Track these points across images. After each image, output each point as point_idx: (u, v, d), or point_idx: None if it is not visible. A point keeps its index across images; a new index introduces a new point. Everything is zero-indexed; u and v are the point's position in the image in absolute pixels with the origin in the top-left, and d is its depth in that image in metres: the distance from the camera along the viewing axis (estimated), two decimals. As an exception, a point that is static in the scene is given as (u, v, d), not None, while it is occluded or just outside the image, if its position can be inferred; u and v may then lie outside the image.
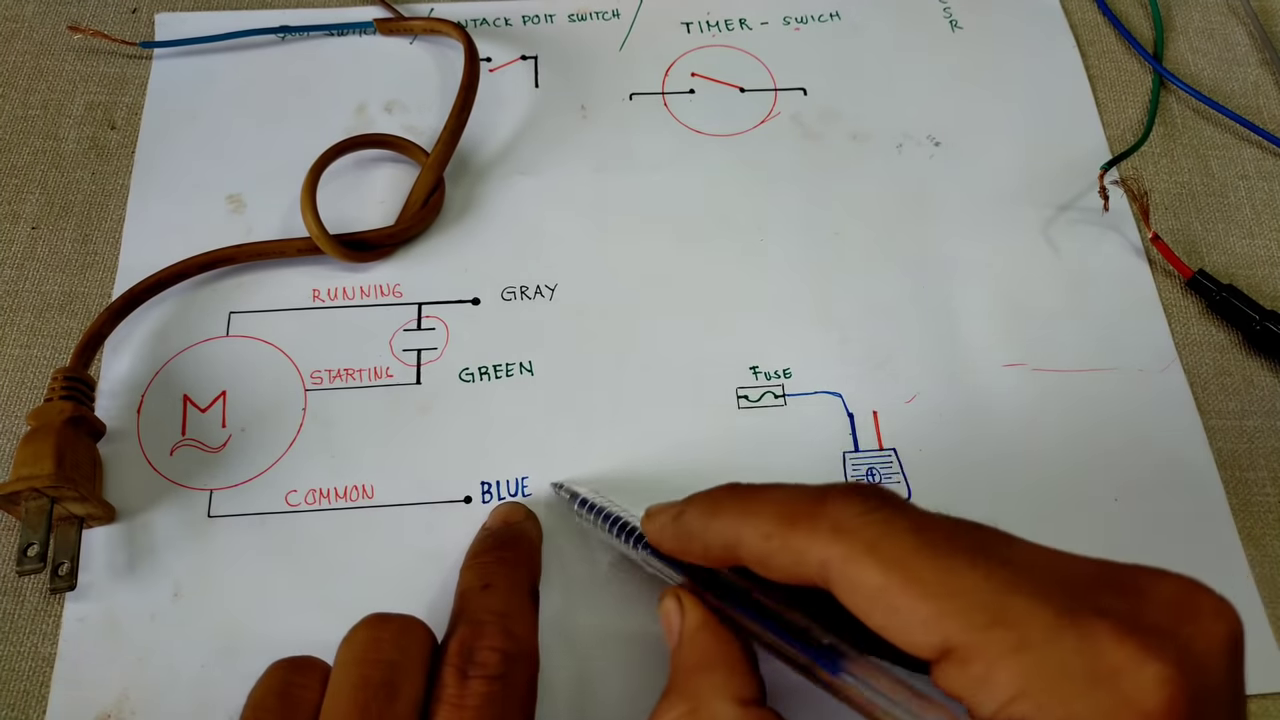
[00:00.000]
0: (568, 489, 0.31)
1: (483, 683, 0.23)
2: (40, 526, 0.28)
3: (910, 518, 0.19)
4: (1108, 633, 0.17)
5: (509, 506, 0.31)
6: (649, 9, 0.43)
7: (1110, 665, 0.17)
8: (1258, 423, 0.34)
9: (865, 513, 0.19)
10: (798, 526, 0.20)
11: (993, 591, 0.17)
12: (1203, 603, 0.19)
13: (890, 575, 0.18)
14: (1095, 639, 0.17)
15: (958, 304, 0.36)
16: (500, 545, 0.29)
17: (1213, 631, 0.18)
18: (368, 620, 0.25)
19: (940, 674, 0.18)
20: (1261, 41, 0.43)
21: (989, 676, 0.17)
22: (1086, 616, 0.17)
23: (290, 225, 0.36)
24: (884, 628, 0.18)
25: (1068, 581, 0.18)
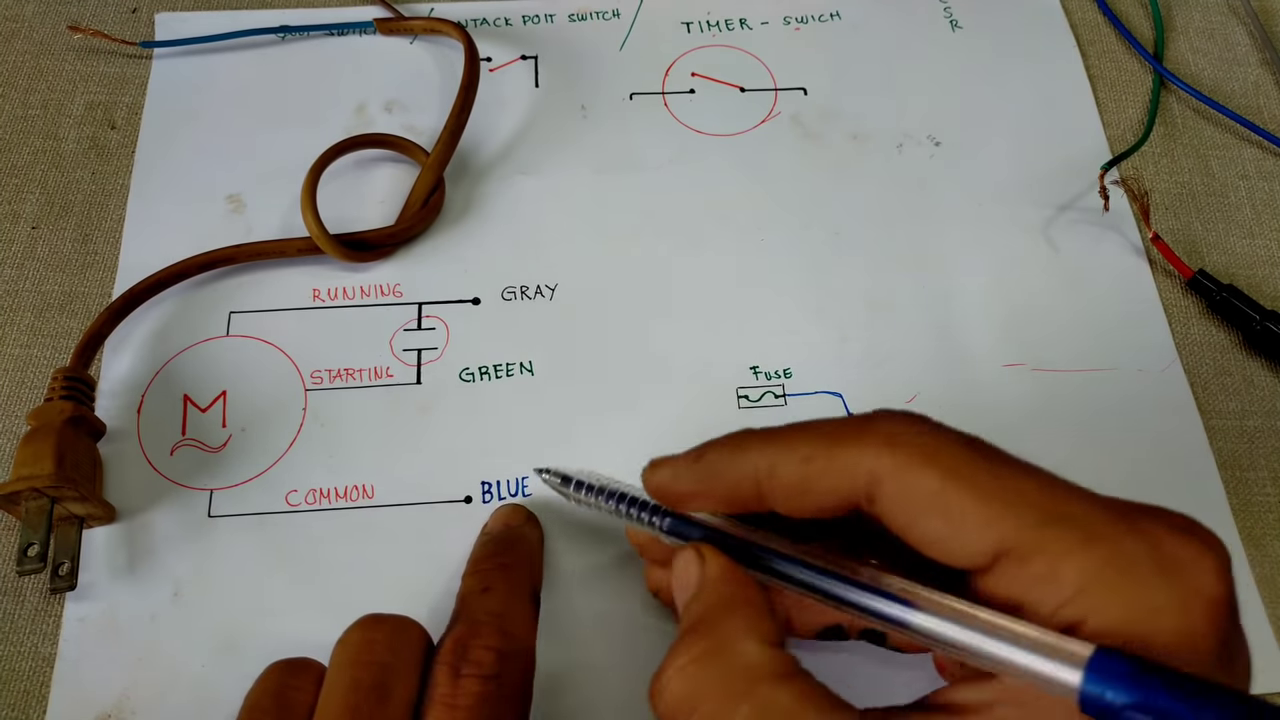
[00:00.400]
0: (555, 472, 0.29)
1: (476, 682, 0.23)
2: (40, 526, 0.28)
3: (960, 434, 0.20)
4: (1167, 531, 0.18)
5: (509, 509, 0.31)
6: (649, 9, 0.43)
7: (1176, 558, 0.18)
8: (1258, 423, 0.34)
9: (915, 423, 0.20)
10: (844, 443, 0.20)
11: (1050, 495, 0.18)
12: (1199, 529, 0.20)
13: (947, 480, 0.19)
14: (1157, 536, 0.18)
15: (958, 304, 0.36)
16: (500, 550, 0.28)
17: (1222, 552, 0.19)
18: (361, 622, 0.25)
19: (993, 579, 0.18)
20: (1262, 41, 0.43)
21: (1052, 573, 0.18)
22: (1144, 516, 0.18)
23: (290, 225, 0.36)
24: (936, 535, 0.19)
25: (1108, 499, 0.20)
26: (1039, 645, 0.17)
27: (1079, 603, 0.17)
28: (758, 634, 0.20)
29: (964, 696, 0.18)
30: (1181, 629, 0.17)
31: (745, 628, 0.20)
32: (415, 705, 0.23)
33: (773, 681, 0.19)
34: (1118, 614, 0.17)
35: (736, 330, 0.35)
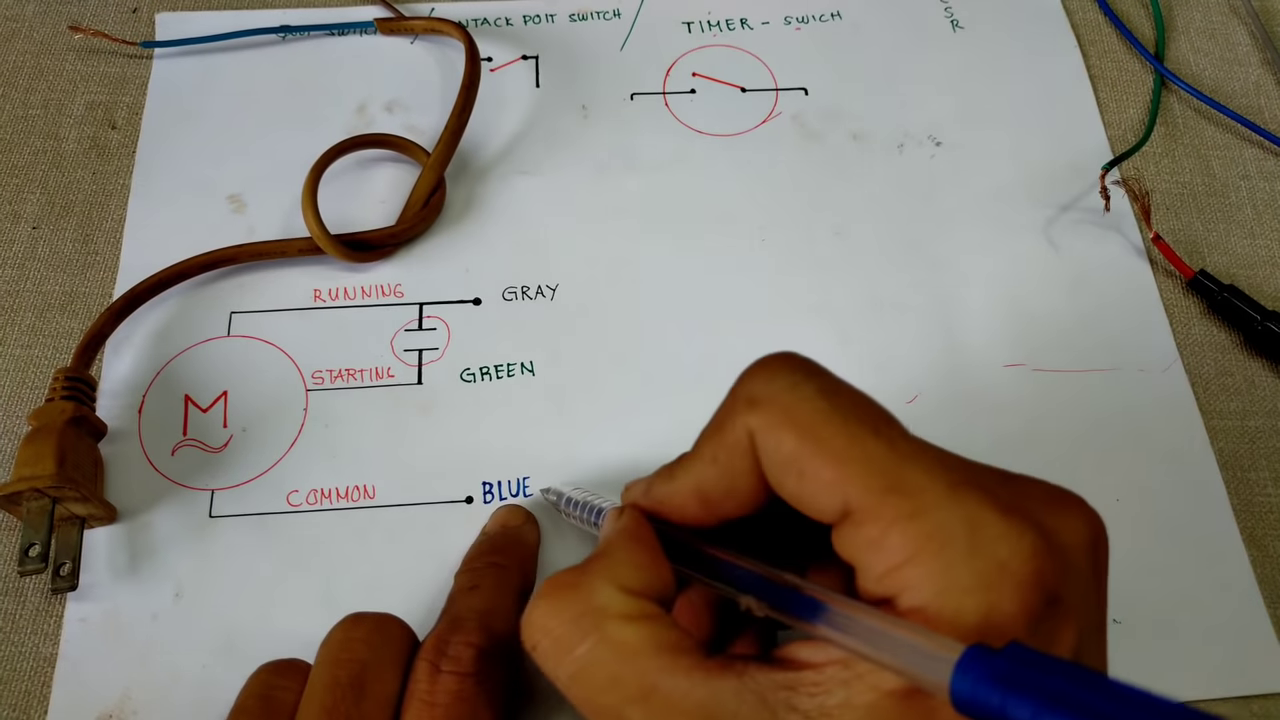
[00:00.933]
0: (554, 491, 0.31)
1: (454, 679, 0.23)
2: (42, 527, 0.28)
3: (816, 382, 0.20)
4: (990, 508, 0.18)
5: (508, 510, 0.31)
6: (650, 9, 0.43)
7: (990, 536, 0.18)
8: (1259, 423, 0.34)
9: (772, 379, 0.20)
10: (724, 424, 0.21)
11: (893, 460, 0.19)
12: (1070, 504, 0.20)
13: (803, 441, 0.19)
14: (980, 513, 0.18)
15: (958, 304, 0.36)
16: (493, 550, 0.29)
17: (1077, 528, 0.19)
18: (343, 621, 0.25)
19: (839, 538, 0.19)
20: (1263, 41, 0.43)
21: (881, 540, 0.18)
22: (973, 492, 0.18)
23: (291, 225, 0.36)
24: (795, 492, 0.19)
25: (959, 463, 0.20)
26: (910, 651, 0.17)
27: (899, 575, 0.18)
28: (617, 580, 0.21)
29: (804, 654, 0.19)
30: (985, 609, 0.17)
31: (608, 574, 0.21)
32: (397, 702, 0.23)
33: (620, 621, 0.20)
34: (929, 590, 0.18)
35: (736, 330, 0.35)
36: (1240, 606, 0.31)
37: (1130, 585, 0.31)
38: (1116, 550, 0.31)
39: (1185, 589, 0.31)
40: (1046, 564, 0.18)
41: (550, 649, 0.20)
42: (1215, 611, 0.31)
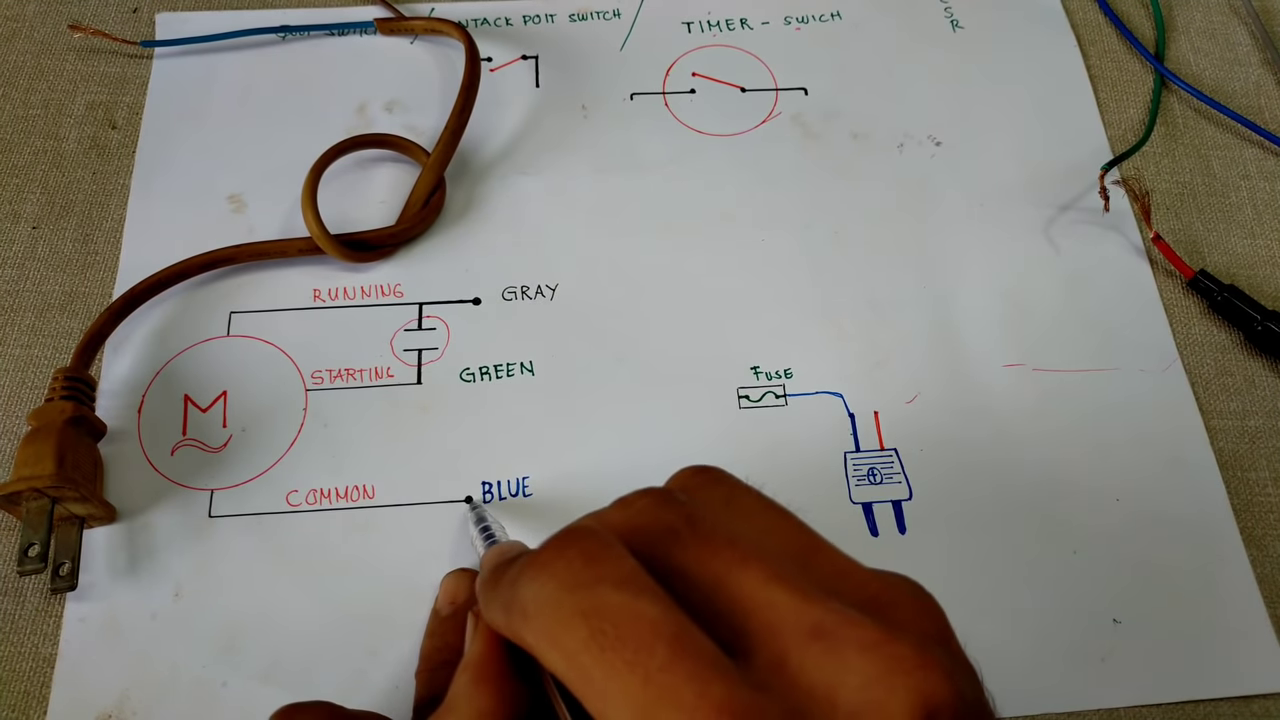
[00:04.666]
0: (477, 511, 0.30)
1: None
2: (41, 527, 0.28)
3: (577, 599, 0.18)
4: None
5: (452, 581, 0.30)
6: (650, 9, 0.43)
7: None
8: (1259, 423, 0.34)
9: (540, 589, 0.18)
10: (510, 612, 0.19)
11: (647, 699, 0.17)
12: (895, 684, 0.17)
13: (568, 668, 0.18)
14: None
15: (958, 304, 0.36)
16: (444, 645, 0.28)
17: (900, 700, 0.16)
18: None
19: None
20: (1263, 41, 0.43)
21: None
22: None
23: (291, 225, 0.36)
24: None
25: (773, 643, 0.17)
26: None
27: None
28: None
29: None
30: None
31: None
32: None
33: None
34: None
35: (737, 330, 0.35)
36: (1240, 606, 0.31)
37: (1130, 585, 0.31)
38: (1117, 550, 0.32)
39: (1185, 589, 0.31)
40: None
41: None
42: (1215, 611, 0.31)
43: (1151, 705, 0.30)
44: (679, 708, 0.16)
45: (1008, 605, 0.31)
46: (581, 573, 0.18)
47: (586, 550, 0.18)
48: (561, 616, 0.18)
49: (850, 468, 0.33)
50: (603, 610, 0.17)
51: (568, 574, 0.18)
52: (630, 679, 0.17)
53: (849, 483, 0.32)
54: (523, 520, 0.31)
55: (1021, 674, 0.30)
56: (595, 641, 0.17)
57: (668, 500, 0.20)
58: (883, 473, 0.33)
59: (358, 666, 0.29)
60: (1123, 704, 0.29)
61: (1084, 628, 0.30)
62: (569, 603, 0.18)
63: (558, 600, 0.18)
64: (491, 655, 0.22)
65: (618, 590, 0.17)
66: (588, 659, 0.17)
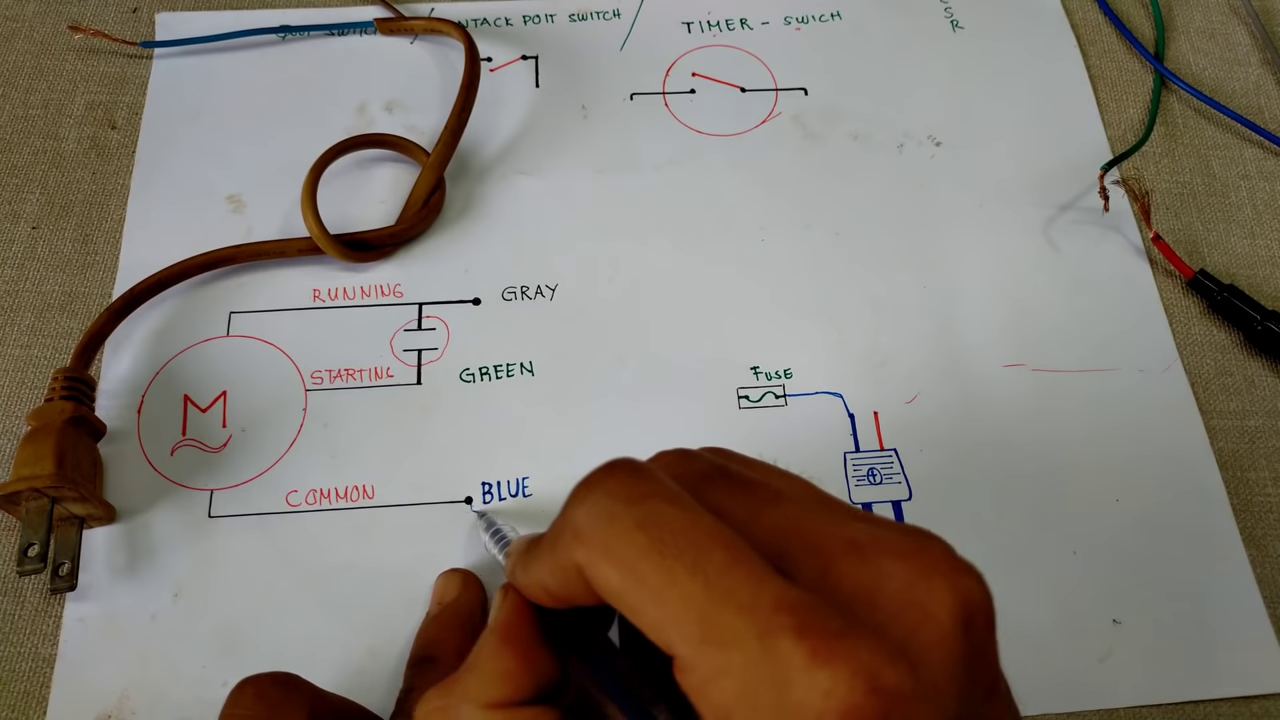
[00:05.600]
0: (486, 519, 0.30)
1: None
2: (41, 527, 0.28)
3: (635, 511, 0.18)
4: (803, 655, 0.16)
5: (443, 581, 0.30)
6: (650, 9, 0.43)
7: (799, 693, 0.16)
8: (1259, 423, 0.34)
9: (592, 507, 0.19)
10: (557, 547, 0.20)
11: (708, 602, 0.17)
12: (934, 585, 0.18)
13: (625, 579, 0.18)
14: (790, 663, 0.16)
15: (958, 304, 0.36)
16: (429, 642, 0.28)
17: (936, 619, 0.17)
18: (230, 695, 0.25)
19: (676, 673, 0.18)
20: (1263, 41, 0.43)
21: (702, 691, 0.17)
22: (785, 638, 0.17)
23: (291, 225, 0.36)
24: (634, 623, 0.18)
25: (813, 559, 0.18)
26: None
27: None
28: (482, 697, 0.21)
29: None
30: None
31: (472, 693, 0.21)
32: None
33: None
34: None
35: (736, 330, 0.35)
36: (1240, 606, 0.31)
37: (1130, 585, 0.31)
38: (1117, 550, 0.32)
39: (1185, 589, 0.31)
40: (867, 710, 0.16)
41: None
42: (1215, 611, 0.31)
43: (1151, 705, 0.30)
44: (739, 607, 0.17)
45: (1007, 605, 0.31)
46: (634, 488, 0.19)
47: (635, 469, 0.19)
48: (619, 528, 0.18)
49: (850, 468, 0.33)
50: (660, 520, 0.18)
51: (621, 490, 0.19)
52: (691, 583, 0.17)
53: (849, 483, 0.32)
54: (523, 520, 0.31)
55: (1021, 674, 0.30)
56: (655, 549, 0.18)
57: (695, 453, 0.21)
58: (882, 473, 0.33)
59: (358, 666, 0.29)
60: (1122, 704, 0.29)
61: (1083, 628, 0.30)
62: (626, 514, 0.18)
63: (613, 513, 0.18)
64: (519, 619, 0.22)
65: (670, 504, 0.18)
66: (647, 566, 0.18)
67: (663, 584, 0.18)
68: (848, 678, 0.16)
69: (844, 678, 0.16)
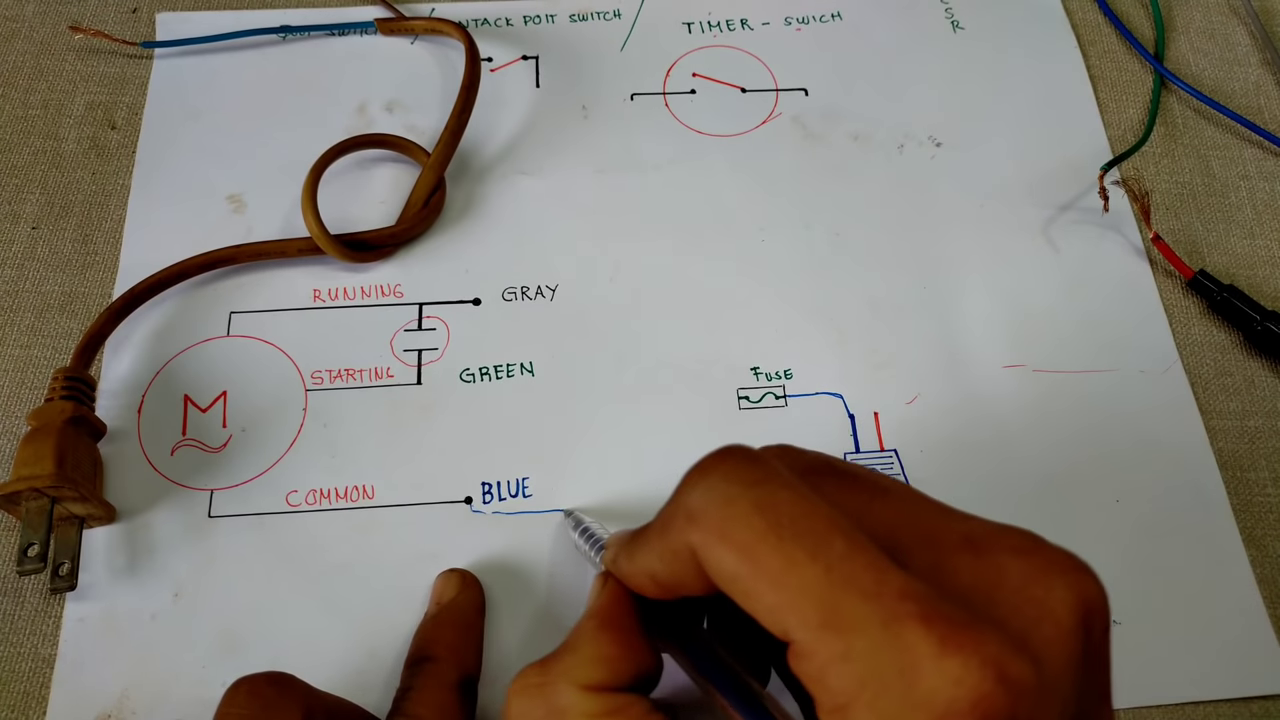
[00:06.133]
0: (573, 518, 0.30)
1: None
2: (41, 526, 0.28)
3: (752, 495, 0.19)
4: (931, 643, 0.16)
5: (442, 581, 0.30)
6: (650, 9, 0.43)
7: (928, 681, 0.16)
8: (1259, 423, 0.34)
9: (708, 490, 0.19)
10: (668, 531, 0.20)
11: (828, 588, 0.17)
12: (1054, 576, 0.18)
13: (740, 562, 0.18)
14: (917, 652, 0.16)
15: (959, 304, 0.36)
16: (427, 641, 0.28)
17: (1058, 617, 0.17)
18: (225, 694, 0.25)
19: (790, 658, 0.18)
20: (1263, 41, 0.43)
21: (821, 678, 0.17)
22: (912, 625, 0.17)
23: (291, 225, 0.36)
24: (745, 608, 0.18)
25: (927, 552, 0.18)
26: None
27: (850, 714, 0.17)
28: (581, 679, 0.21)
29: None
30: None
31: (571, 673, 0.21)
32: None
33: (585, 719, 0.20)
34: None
35: (736, 331, 0.35)
36: (1240, 606, 0.31)
37: (1130, 585, 0.31)
38: (1117, 550, 0.32)
39: (1185, 589, 0.31)
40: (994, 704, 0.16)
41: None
42: (1215, 611, 0.31)
43: (1151, 706, 0.30)
44: (863, 594, 0.17)
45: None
46: (750, 473, 0.19)
47: (750, 454, 0.19)
48: (737, 511, 0.18)
49: (850, 468, 0.33)
50: (778, 505, 0.18)
51: (737, 475, 0.19)
52: (811, 569, 0.17)
53: (849, 483, 0.32)
54: (523, 520, 0.31)
55: (1021, 674, 0.30)
56: (774, 533, 0.18)
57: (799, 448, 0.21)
58: (883, 473, 0.33)
59: (358, 666, 0.29)
60: (1122, 705, 0.29)
61: (1084, 628, 0.30)
62: (744, 498, 0.18)
63: (730, 496, 0.19)
64: (618, 605, 0.22)
65: (787, 489, 0.18)
66: (765, 549, 0.18)
67: (781, 568, 0.18)
68: (978, 666, 0.16)
69: (974, 666, 0.16)
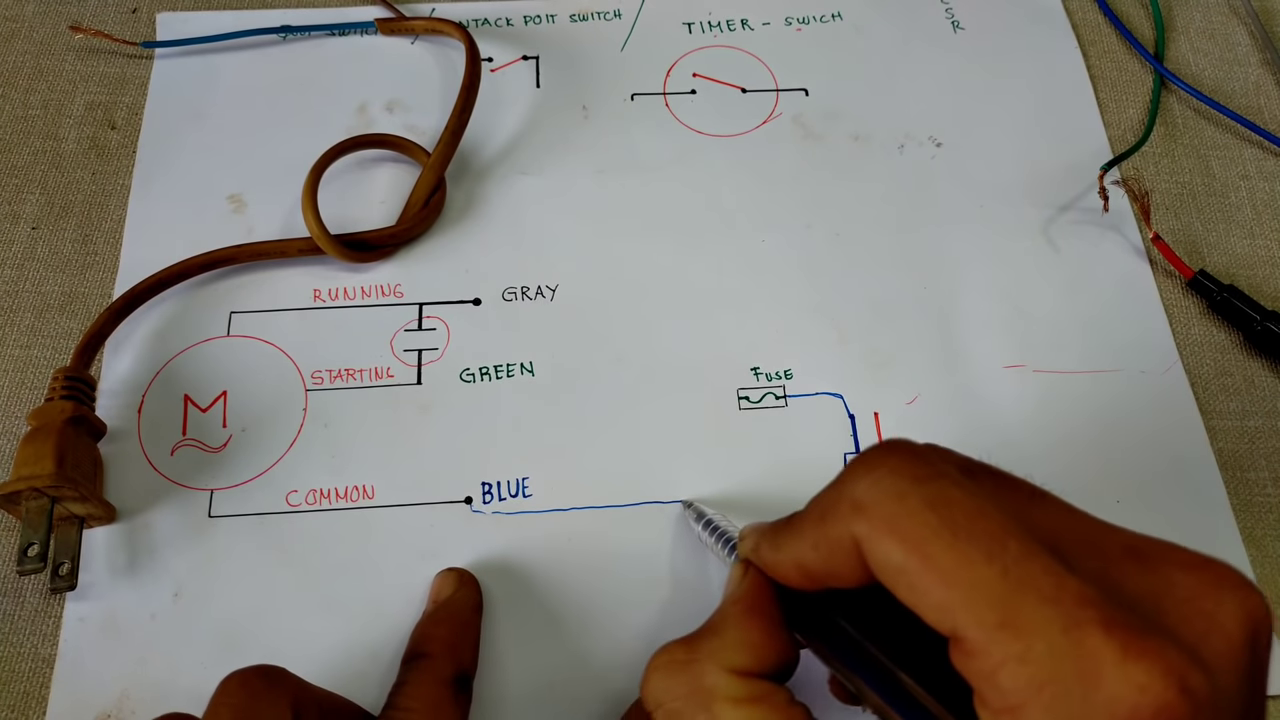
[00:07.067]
0: (694, 510, 0.31)
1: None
2: (41, 526, 0.28)
3: (924, 491, 0.19)
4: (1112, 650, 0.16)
5: (441, 580, 0.30)
6: (650, 9, 0.43)
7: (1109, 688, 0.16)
8: (1259, 423, 0.34)
9: (876, 482, 0.19)
10: (827, 519, 0.20)
11: (1005, 590, 0.17)
12: (1223, 593, 0.18)
13: (909, 556, 0.18)
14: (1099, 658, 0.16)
15: (959, 305, 0.36)
16: (423, 638, 0.28)
17: (1228, 631, 0.17)
18: (217, 688, 0.24)
19: (953, 654, 0.18)
20: (1262, 41, 0.43)
21: (992, 677, 0.17)
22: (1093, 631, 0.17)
23: (291, 225, 0.36)
24: (908, 601, 0.18)
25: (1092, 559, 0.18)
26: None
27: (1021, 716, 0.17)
28: (727, 662, 0.21)
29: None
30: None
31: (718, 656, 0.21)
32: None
33: (729, 704, 0.21)
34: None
35: (737, 330, 0.35)
36: (1240, 607, 0.31)
37: (1130, 585, 0.31)
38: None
39: (1185, 589, 0.31)
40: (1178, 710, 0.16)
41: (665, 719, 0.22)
42: (1215, 612, 0.31)
43: (1152, 705, 0.29)
44: (1042, 597, 0.17)
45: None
46: (920, 468, 0.19)
47: (918, 450, 0.19)
48: (908, 506, 0.18)
49: (850, 468, 0.33)
50: (950, 503, 0.18)
51: (907, 469, 0.19)
52: (987, 569, 0.17)
53: (849, 483, 0.32)
54: (523, 520, 0.31)
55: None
56: (947, 530, 0.18)
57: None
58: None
59: (358, 667, 0.29)
60: (1123, 704, 0.29)
61: (1084, 628, 0.30)
62: (915, 493, 0.18)
63: (901, 491, 0.18)
64: (761, 594, 0.23)
65: (959, 488, 0.18)
66: (937, 547, 0.18)
67: (955, 565, 0.18)
68: (1161, 675, 0.16)
69: (1158, 674, 0.16)
